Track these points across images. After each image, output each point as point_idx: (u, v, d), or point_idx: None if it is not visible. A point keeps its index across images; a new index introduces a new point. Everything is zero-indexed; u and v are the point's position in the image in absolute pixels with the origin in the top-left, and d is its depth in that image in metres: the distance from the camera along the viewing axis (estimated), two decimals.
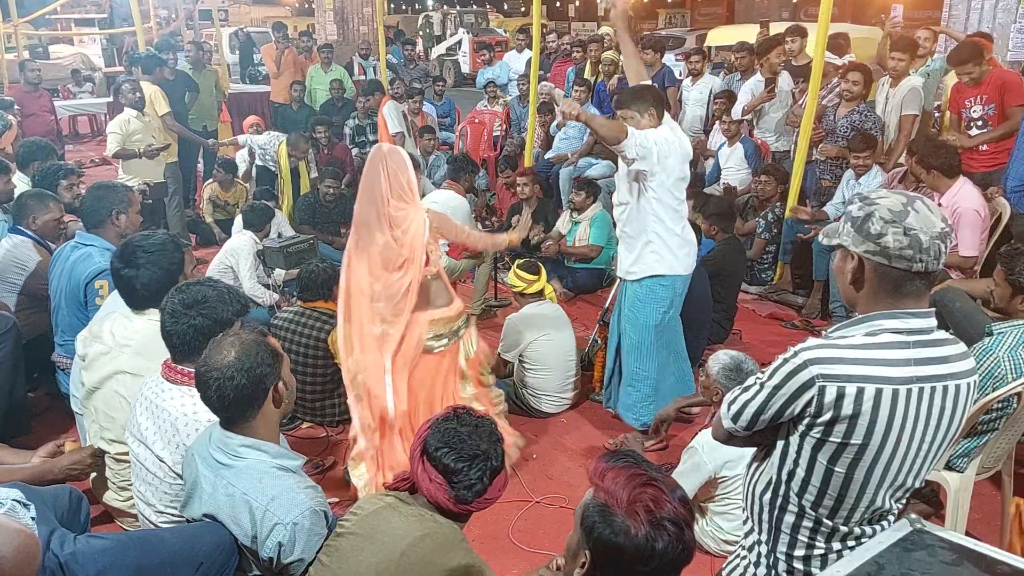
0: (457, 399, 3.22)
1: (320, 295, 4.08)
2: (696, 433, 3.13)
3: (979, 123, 5.29)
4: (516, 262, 4.57)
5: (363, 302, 3.08)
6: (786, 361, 1.71)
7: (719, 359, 3.02)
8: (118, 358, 2.86)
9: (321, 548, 2.04)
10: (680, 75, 8.83)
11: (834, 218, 5.61)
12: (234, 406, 2.07)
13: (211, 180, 7.58)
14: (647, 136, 3.37)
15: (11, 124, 6.13)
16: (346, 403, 3.27)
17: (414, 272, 2.98)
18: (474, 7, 29.18)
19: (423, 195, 4.64)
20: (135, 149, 6.37)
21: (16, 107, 7.71)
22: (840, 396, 1.63)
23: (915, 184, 5.03)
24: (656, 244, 3.60)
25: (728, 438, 1.87)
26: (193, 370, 2.16)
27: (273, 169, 7.58)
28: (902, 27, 6.86)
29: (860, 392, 1.62)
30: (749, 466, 1.94)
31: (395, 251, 3.00)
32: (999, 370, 2.77)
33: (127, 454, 2.81)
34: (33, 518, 1.73)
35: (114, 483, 2.96)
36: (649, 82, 3.74)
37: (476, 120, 9.43)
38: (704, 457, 2.84)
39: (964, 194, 4.50)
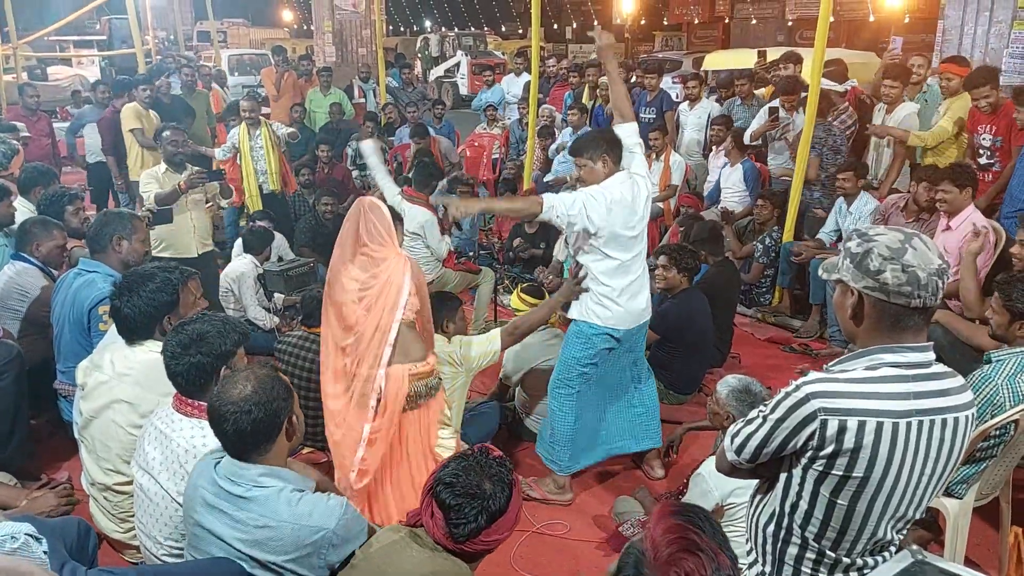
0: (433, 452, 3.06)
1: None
2: (702, 457, 3.13)
3: (988, 152, 5.35)
4: (519, 285, 4.59)
5: (331, 334, 2.98)
6: (788, 395, 1.74)
7: (728, 382, 3.01)
8: (117, 387, 2.87)
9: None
10: (677, 97, 8.93)
11: (829, 243, 5.68)
12: (250, 439, 2.10)
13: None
14: (570, 201, 3.25)
15: (18, 150, 6.16)
16: None
17: (386, 315, 2.81)
18: (472, 30, 29.45)
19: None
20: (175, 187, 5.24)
21: (24, 133, 7.74)
22: (842, 430, 1.66)
23: (916, 213, 5.10)
24: (596, 296, 3.45)
25: (732, 470, 1.90)
26: (203, 403, 2.18)
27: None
28: (901, 58, 6.98)
29: (861, 426, 1.65)
30: (752, 498, 1.96)
31: (364, 288, 2.86)
32: (998, 397, 2.80)
33: (126, 484, 2.82)
34: (45, 552, 1.74)
35: (113, 514, 2.96)
36: (625, 120, 3.59)
37: (475, 143, 9.51)
38: (711, 484, 2.84)
39: (976, 218, 4.58)
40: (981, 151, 5.40)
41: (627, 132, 3.51)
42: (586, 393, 3.62)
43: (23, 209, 4.73)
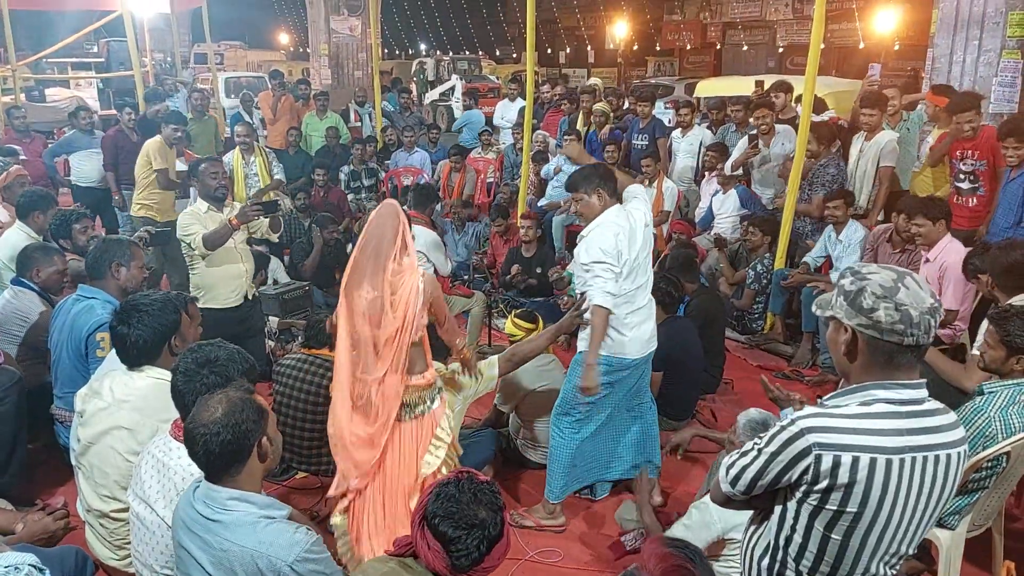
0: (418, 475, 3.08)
1: (325, 343, 4.09)
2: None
3: (971, 177, 5.42)
4: (513, 311, 4.62)
5: (344, 347, 3.00)
6: (783, 428, 1.77)
7: (749, 414, 3.02)
8: (116, 414, 2.87)
9: None
10: (669, 122, 9.04)
11: (815, 267, 5.74)
12: (219, 461, 2.13)
13: None
14: (604, 271, 3.34)
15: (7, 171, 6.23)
16: None
17: (399, 335, 2.86)
18: (467, 54, 29.70)
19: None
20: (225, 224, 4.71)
21: (23, 157, 7.76)
22: (836, 465, 1.68)
23: (902, 244, 5.17)
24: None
25: (726, 501, 1.92)
26: None
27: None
28: (880, 84, 7.09)
29: (855, 461, 1.68)
30: (747, 530, 1.99)
31: (380, 309, 2.91)
32: (990, 429, 2.82)
33: (123, 511, 2.82)
34: None
35: (109, 542, 2.94)
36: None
37: (471, 167, 9.56)
38: (715, 516, 2.84)
39: (952, 248, 4.64)
40: (962, 176, 5.46)
41: (636, 189, 3.73)
42: (588, 422, 3.66)
43: (21, 233, 4.75)
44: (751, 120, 7.18)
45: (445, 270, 5.58)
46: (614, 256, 3.36)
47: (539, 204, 8.12)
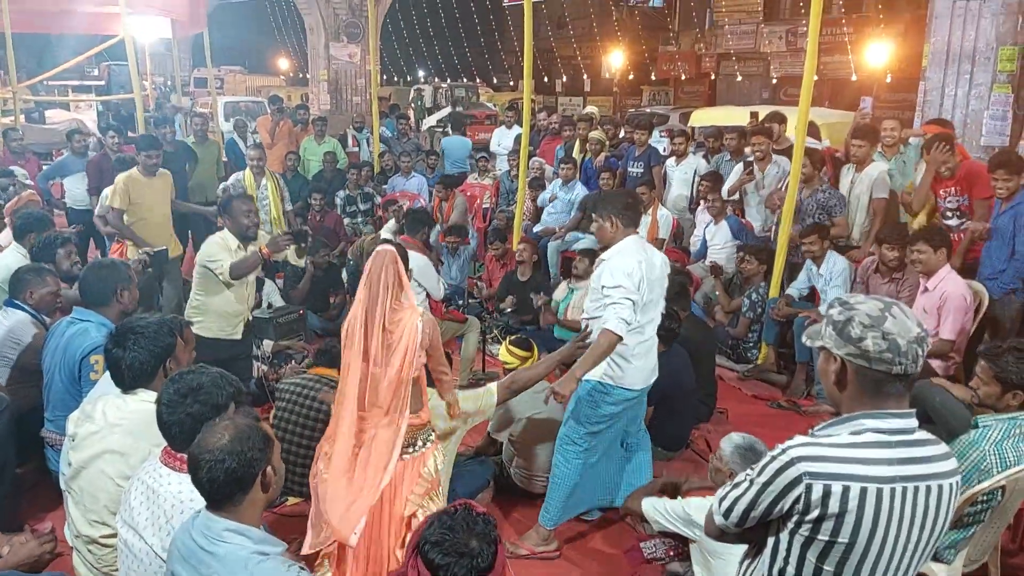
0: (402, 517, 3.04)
1: (334, 365, 4.04)
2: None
3: (957, 212, 5.47)
4: (508, 338, 4.62)
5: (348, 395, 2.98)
6: (774, 458, 1.77)
7: (732, 440, 3.00)
8: (108, 437, 2.86)
9: None
10: (664, 150, 9.11)
11: (799, 297, 5.76)
12: (223, 489, 2.10)
13: None
14: (623, 299, 3.29)
15: (18, 195, 6.23)
16: None
17: (400, 374, 2.87)
18: (464, 81, 29.97)
19: None
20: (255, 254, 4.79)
21: (29, 182, 7.76)
22: (827, 494, 1.69)
23: (889, 273, 5.20)
24: (612, 356, 3.45)
25: (720, 534, 1.92)
26: None
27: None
28: (872, 117, 7.17)
29: (846, 491, 1.68)
30: (741, 563, 1.98)
31: (380, 350, 2.91)
32: (985, 463, 2.82)
33: (112, 537, 2.79)
34: None
35: (97, 568, 2.91)
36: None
37: (467, 193, 9.62)
38: (698, 531, 2.81)
39: (951, 279, 4.66)
40: (949, 213, 5.52)
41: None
42: (594, 451, 3.66)
43: (16, 255, 4.75)
44: (747, 149, 7.25)
45: (438, 294, 5.58)
46: (636, 283, 3.35)
47: (535, 230, 8.15)
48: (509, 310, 6.60)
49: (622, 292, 3.31)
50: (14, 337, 3.93)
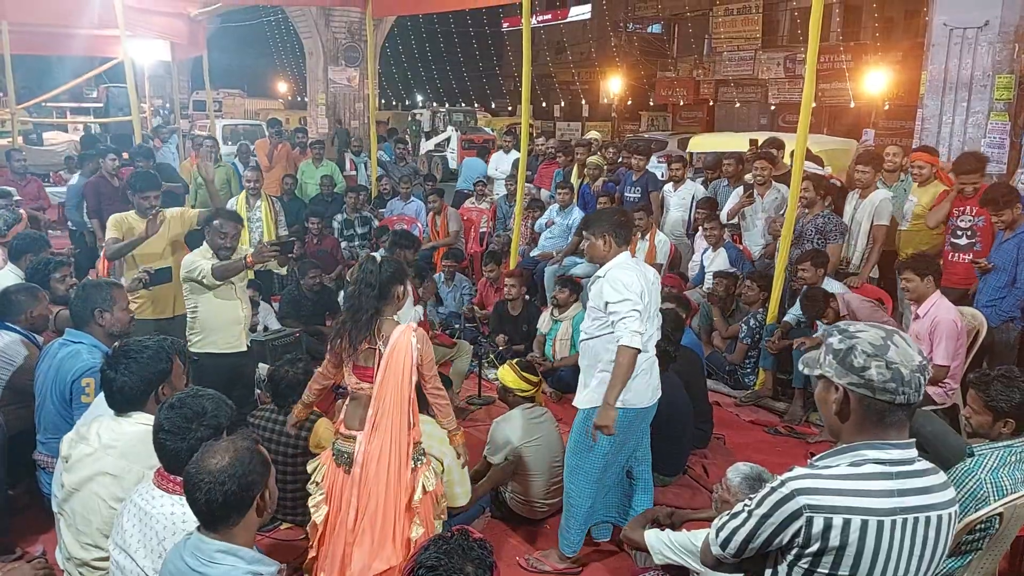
0: (405, 532, 3.11)
1: (293, 399, 3.95)
2: None
3: (968, 232, 5.50)
4: (514, 360, 4.55)
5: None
6: (774, 490, 1.75)
7: (739, 470, 2.95)
8: (102, 459, 2.83)
9: None
10: (662, 176, 9.15)
11: (795, 324, 5.74)
12: (220, 511, 2.08)
13: None
14: (629, 311, 3.28)
15: (21, 217, 6.20)
16: None
17: (395, 388, 2.92)
18: (463, 106, 30.17)
19: None
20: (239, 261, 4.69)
21: (17, 197, 7.75)
22: (828, 527, 1.66)
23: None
24: (608, 376, 3.40)
25: (717, 564, 1.89)
26: None
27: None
28: (875, 147, 7.23)
29: (847, 524, 1.66)
30: None
31: (375, 363, 2.97)
32: (981, 491, 2.80)
33: (104, 560, 2.75)
34: None
35: None
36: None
37: (464, 217, 9.63)
38: (698, 563, 2.77)
39: (942, 305, 4.67)
40: (959, 232, 5.54)
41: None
42: (604, 473, 3.64)
43: (12, 275, 4.73)
44: (747, 176, 7.26)
45: (408, 318, 5.51)
46: (638, 293, 3.34)
47: (532, 254, 8.15)
48: (501, 348, 6.58)
49: (629, 305, 3.29)
50: (5, 358, 3.90)
